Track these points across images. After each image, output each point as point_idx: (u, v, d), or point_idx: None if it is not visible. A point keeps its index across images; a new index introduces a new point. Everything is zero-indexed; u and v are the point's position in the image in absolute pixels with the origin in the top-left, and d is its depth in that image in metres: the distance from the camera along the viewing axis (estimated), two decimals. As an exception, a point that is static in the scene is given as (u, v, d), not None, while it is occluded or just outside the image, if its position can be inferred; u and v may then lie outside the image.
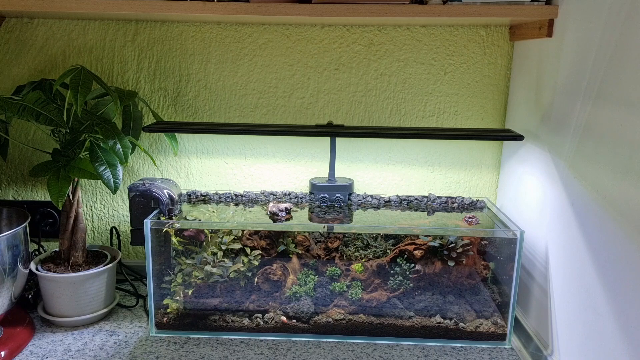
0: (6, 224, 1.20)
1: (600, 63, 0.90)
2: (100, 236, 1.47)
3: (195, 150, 1.41)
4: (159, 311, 1.19)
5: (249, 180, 1.42)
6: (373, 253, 1.22)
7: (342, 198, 1.29)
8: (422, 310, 1.19)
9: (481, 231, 1.21)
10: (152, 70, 1.36)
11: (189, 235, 1.21)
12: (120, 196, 1.43)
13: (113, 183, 1.09)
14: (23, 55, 1.35)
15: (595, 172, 0.91)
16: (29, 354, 1.09)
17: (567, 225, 1.01)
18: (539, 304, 1.13)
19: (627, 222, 0.82)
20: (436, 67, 1.35)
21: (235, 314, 1.19)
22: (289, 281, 1.21)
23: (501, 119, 1.38)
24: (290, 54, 1.34)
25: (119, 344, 1.13)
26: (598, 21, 0.91)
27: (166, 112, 1.39)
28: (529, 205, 1.21)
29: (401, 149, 1.40)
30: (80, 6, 1.09)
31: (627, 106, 0.82)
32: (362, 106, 1.38)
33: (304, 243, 1.23)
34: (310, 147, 1.40)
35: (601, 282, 0.89)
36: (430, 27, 1.32)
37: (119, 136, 1.11)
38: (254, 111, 1.38)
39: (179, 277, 1.21)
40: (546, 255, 1.10)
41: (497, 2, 1.08)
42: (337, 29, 1.33)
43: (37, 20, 1.33)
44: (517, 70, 1.30)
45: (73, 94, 1.05)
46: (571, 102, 1.00)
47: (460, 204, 1.33)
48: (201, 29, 1.33)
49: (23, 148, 1.40)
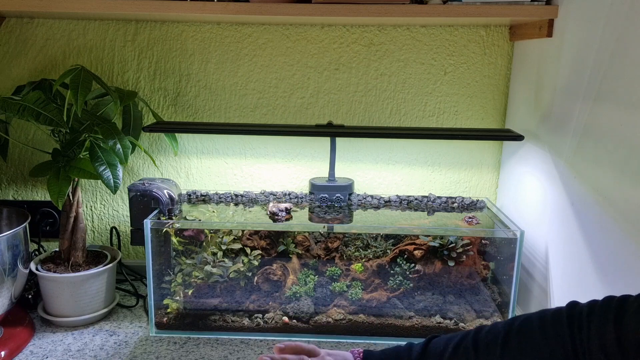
0: (6, 224, 1.20)
1: (600, 63, 0.90)
2: (100, 236, 1.47)
3: (195, 150, 1.41)
4: (159, 311, 1.19)
5: (249, 180, 1.42)
6: (373, 253, 1.22)
7: (342, 198, 1.29)
8: (422, 310, 1.19)
9: (481, 231, 1.21)
10: (152, 70, 1.36)
11: (189, 235, 1.21)
12: (120, 196, 1.43)
13: (113, 183, 1.09)
14: (23, 55, 1.35)
15: (595, 172, 0.91)
16: (29, 354, 1.09)
17: (567, 225, 1.01)
18: (539, 304, 1.13)
19: (627, 222, 0.82)
20: (436, 67, 1.35)
21: (235, 314, 1.19)
22: (289, 281, 1.21)
23: (501, 119, 1.38)
24: (290, 54, 1.34)
25: (119, 344, 1.13)
26: (598, 21, 0.91)
27: (166, 112, 1.39)
28: (529, 205, 1.21)
29: (401, 149, 1.40)
30: (80, 6, 1.09)
31: (627, 106, 0.82)
32: (362, 106, 1.38)
33: (304, 243, 1.23)
34: (310, 147, 1.40)
35: (601, 282, 0.89)
36: (430, 27, 1.32)
37: (119, 136, 1.11)
38: (254, 111, 1.38)
39: (179, 277, 1.21)
40: (546, 255, 1.10)
41: (497, 2, 1.08)
42: (337, 29, 1.33)
43: (37, 20, 1.33)
44: (517, 70, 1.30)
45: (73, 94, 1.05)
46: (571, 102, 1.00)
47: (460, 204, 1.33)
48: (201, 29, 1.33)
49: (23, 148, 1.40)
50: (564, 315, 0.60)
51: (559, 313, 0.61)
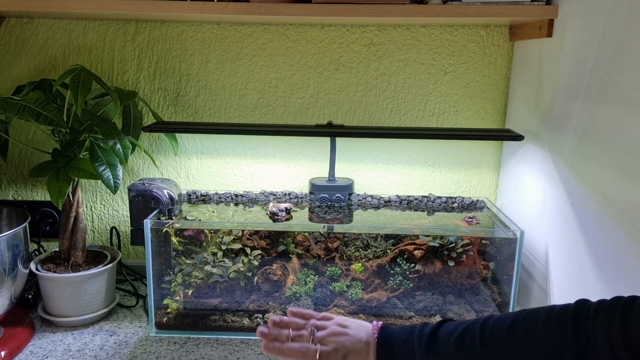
0: (6, 224, 1.20)
1: (600, 63, 0.90)
2: (100, 236, 1.47)
3: (195, 150, 1.41)
4: (159, 311, 1.19)
5: (249, 180, 1.42)
6: (373, 253, 1.22)
7: (342, 198, 1.29)
8: (422, 310, 1.19)
9: (481, 231, 1.21)
10: (152, 70, 1.36)
11: (189, 235, 1.21)
12: (120, 196, 1.43)
13: (113, 183, 1.09)
14: (23, 55, 1.35)
15: (595, 172, 0.91)
16: (29, 354, 1.09)
17: (567, 225, 1.01)
18: (539, 304, 1.13)
19: (627, 222, 0.82)
20: (436, 67, 1.35)
21: (235, 314, 1.19)
22: (289, 281, 1.21)
23: (501, 119, 1.38)
24: (290, 54, 1.34)
25: (119, 344, 1.13)
26: (598, 21, 0.91)
27: (166, 112, 1.39)
28: (529, 205, 1.21)
29: (401, 149, 1.40)
30: (80, 6, 1.09)
31: (627, 106, 0.82)
32: (362, 106, 1.38)
33: (304, 243, 1.23)
34: (310, 147, 1.40)
35: (601, 282, 0.89)
36: (430, 27, 1.32)
37: (119, 136, 1.11)
38: (254, 111, 1.38)
39: (179, 277, 1.21)
40: (546, 255, 1.10)
41: (497, 2, 1.08)
42: (337, 29, 1.33)
43: (37, 20, 1.33)
44: (517, 70, 1.30)
45: (73, 94, 1.05)
46: (571, 102, 1.00)
47: (460, 204, 1.33)
48: (201, 29, 1.33)
49: (23, 148, 1.40)
50: (571, 311, 0.61)
51: (566, 308, 0.62)
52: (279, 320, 0.77)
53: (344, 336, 0.74)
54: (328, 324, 0.76)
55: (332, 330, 0.75)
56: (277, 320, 0.77)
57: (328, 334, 0.75)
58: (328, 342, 0.74)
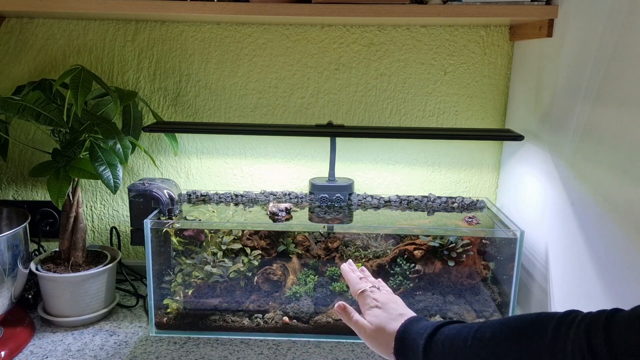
0: (6, 224, 1.20)
1: (600, 63, 0.90)
2: (100, 236, 1.47)
3: (195, 150, 1.41)
4: (159, 311, 1.19)
5: (249, 180, 1.42)
6: (373, 253, 1.22)
7: (342, 198, 1.29)
8: (422, 310, 1.19)
9: (481, 231, 1.21)
10: (152, 70, 1.36)
11: (189, 235, 1.21)
12: (120, 196, 1.43)
13: (113, 183, 1.09)
14: (23, 55, 1.35)
15: (595, 172, 0.91)
16: (29, 354, 1.09)
17: (567, 225, 1.01)
18: (539, 304, 1.13)
19: (627, 222, 0.82)
20: (436, 67, 1.35)
21: (235, 314, 1.19)
22: (289, 281, 1.21)
23: (501, 119, 1.38)
24: (290, 54, 1.34)
25: (119, 344, 1.13)
26: (598, 21, 0.91)
27: (166, 112, 1.39)
28: (529, 205, 1.21)
29: (401, 149, 1.40)
30: (80, 6, 1.09)
31: (627, 106, 0.82)
32: (362, 106, 1.38)
33: (304, 243, 1.23)
34: (310, 147, 1.40)
35: (601, 282, 0.89)
36: (430, 27, 1.32)
37: (119, 136, 1.11)
38: (254, 111, 1.38)
39: (179, 277, 1.21)
40: (546, 255, 1.10)
41: (497, 2, 1.08)
42: (337, 29, 1.33)
43: (37, 20, 1.33)
44: (517, 70, 1.30)
45: (73, 94, 1.05)
46: (571, 102, 1.00)
47: (460, 204, 1.33)
48: (201, 29, 1.33)
49: (23, 148, 1.40)
50: (556, 318, 0.60)
51: (553, 315, 0.61)
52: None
53: (379, 318, 0.78)
54: (384, 296, 0.82)
55: (380, 301, 0.81)
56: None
57: (375, 304, 0.80)
58: (367, 313, 0.80)
